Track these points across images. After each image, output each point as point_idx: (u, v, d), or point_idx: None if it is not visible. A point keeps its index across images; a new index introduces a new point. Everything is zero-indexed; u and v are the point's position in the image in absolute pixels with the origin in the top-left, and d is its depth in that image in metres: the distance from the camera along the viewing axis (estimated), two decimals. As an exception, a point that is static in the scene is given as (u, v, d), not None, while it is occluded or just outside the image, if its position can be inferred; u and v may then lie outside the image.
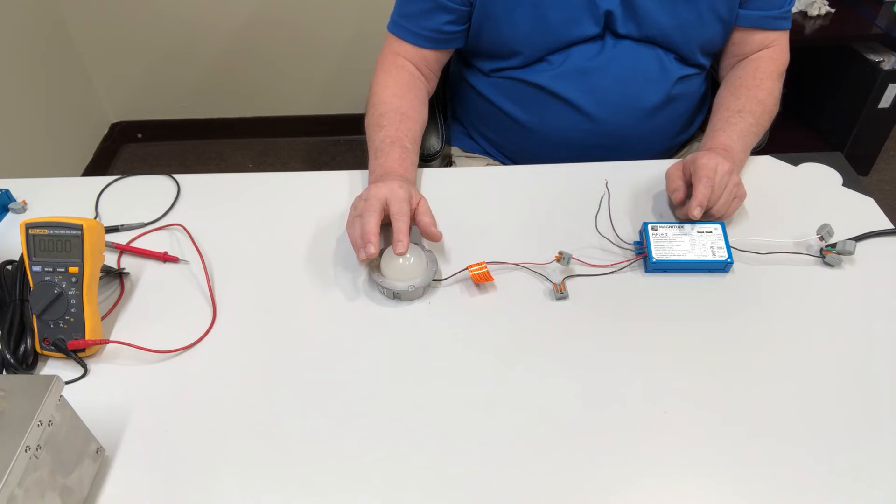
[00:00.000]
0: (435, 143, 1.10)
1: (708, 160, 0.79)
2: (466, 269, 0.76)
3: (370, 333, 0.72)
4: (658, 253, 0.77)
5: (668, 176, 0.84)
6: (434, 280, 0.77)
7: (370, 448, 0.62)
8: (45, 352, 0.70)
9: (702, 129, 1.10)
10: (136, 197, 0.91)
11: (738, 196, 0.82)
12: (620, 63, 0.95)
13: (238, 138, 2.30)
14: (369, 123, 0.94)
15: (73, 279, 0.69)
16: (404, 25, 0.98)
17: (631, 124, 0.99)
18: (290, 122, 2.27)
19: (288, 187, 0.92)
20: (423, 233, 0.79)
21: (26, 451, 0.49)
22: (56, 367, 0.70)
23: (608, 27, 0.94)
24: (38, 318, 0.69)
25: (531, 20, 0.92)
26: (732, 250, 0.78)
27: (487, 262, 0.77)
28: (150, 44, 2.06)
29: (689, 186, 0.81)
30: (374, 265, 0.77)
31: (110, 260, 0.81)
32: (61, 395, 0.54)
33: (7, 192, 0.90)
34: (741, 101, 0.93)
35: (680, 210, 0.83)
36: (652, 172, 0.92)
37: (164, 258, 0.81)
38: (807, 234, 0.82)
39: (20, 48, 1.81)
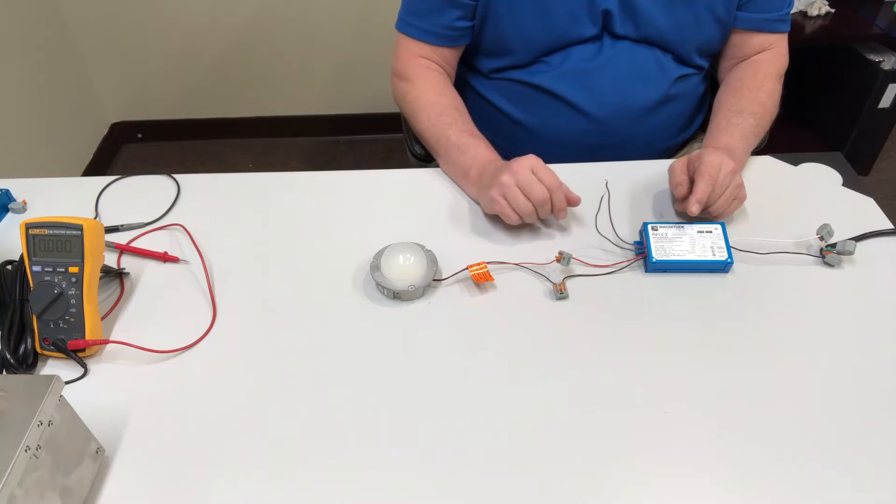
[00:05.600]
0: (435, 143, 1.10)
1: (713, 158, 0.79)
2: (466, 269, 0.77)
3: (370, 333, 0.72)
4: (658, 253, 0.77)
5: (671, 170, 0.85)
6: (434, 280, 0.77)
7: (370, 447, 0.62)
8: (45, 352, 0.70)
9: (702, 128, 1.10)
10: (136, 197, 0.91)
11: (739, 197, 0.82)
12: (618, 63, 0.95)
13: (238, 138, 2.30)
14: (431, 125, 0.93)
15: (73, 279, 0.69)
16: (415, 24, 0.97)
17: (630, 124, 0.99)
18: (290, 122, 2.27)
19: (288, 187, 0.92)
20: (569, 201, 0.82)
21: (26, 451, 0.49)
22: (56, 367, 0.70)
23: (606, 28, 0.94)
24: (38, 318, 0.69)
25: (534, 17, 0.92)
26: (732, 250, 0.78)
27: (487, 262, 0.77)
28: (150, 44, 2.06)
29: (693, 182, 0.81)
30: (374, 265, 0.77)
31: (110, 260, 0.81)
32: (61, 395, 0.54)
33: (7, 192, 0.90)
34: (742, 101, 0.93)
35: (680, 205, 0.83)
36: (652, 172, 0.92)
37: (164, 258, 0.81)
38: (807, 234, 0.82)
39: (20, 48, 1.81)
